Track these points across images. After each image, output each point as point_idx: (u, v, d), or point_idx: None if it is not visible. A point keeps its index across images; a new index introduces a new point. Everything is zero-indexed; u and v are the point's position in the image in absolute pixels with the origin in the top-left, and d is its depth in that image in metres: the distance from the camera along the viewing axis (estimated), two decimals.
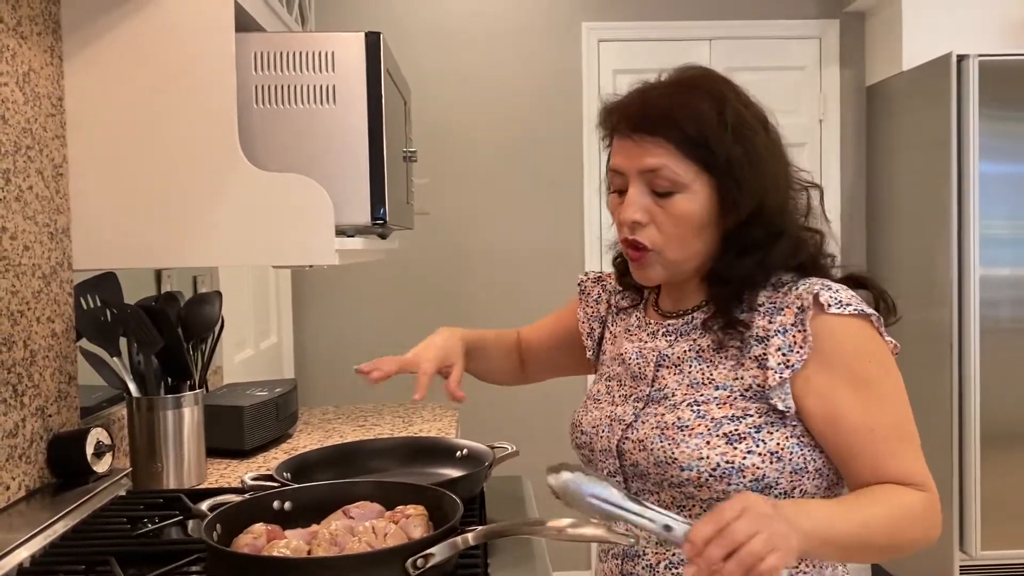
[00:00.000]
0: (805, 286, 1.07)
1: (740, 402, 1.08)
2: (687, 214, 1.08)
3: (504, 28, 3.57)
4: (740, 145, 1.06)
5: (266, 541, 1.00)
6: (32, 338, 1.33)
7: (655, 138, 1.07)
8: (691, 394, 1.10)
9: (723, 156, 1.06)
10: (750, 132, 1.08)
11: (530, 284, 3.60)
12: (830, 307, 1.05)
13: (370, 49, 1.42)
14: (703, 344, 1.13)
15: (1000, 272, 3.02)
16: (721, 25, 3.58)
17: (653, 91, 1.12)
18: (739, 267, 1.09)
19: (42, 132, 1.36)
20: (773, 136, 1.12)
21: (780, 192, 1.10)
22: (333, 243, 1.38)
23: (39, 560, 1.13)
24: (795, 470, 1.07)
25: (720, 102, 1.08)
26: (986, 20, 3.27)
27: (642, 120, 1.08)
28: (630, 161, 1.09)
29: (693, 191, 1.07)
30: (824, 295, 1.05)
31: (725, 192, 1.07)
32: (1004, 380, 3.02)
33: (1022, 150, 3.02)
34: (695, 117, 1.06)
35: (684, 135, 1.06)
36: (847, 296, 1.07)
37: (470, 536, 0.96)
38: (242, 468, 1.69)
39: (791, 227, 1.11)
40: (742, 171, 1.06)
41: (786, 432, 1.07)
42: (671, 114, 1.07)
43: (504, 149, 3.59)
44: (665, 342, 1.17)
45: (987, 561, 3.01)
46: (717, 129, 1.06)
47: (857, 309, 1.06)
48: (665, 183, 1.07)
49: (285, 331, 3.37)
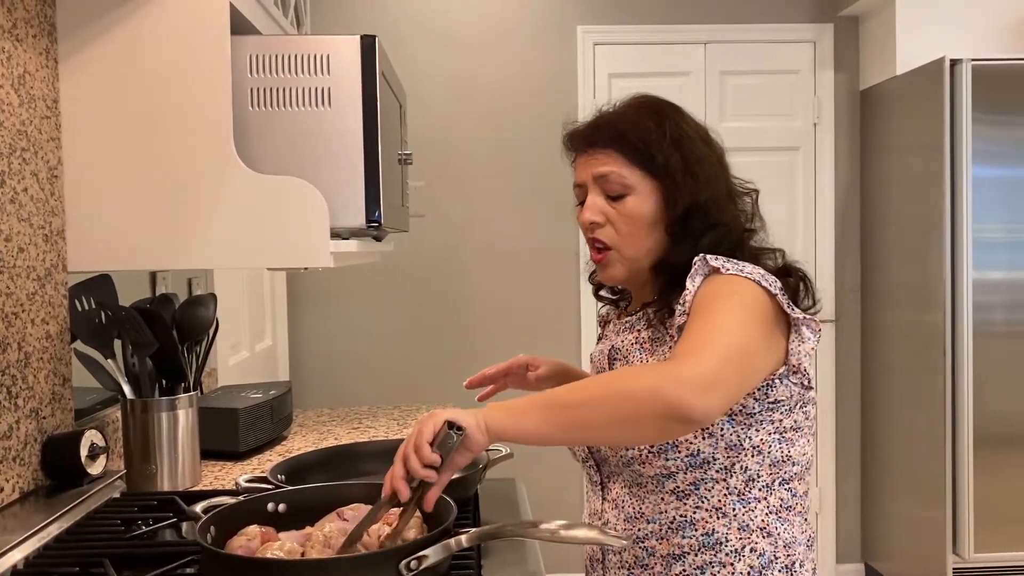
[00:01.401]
0: (709, 255, 1.16)
1: None
2: (637, 213, 1.22)
3: (499, 31, 3.58)
4: (678, 152, 1.21)
5: (260, 543, 1.00)
6: (26, 340, 1.33)
7: (605, 149, 1.24)
8: None
9: (662, 161, 1.21)
10: (688, 142, 1.23)
11: (525, 287, 3.60)
12: (727, 270, 1.14)
13: (365, 52, 1.42)
14: (645, 336, 1.24)
15: (993, 276, 3.04)
16: (716, 29, 3.59)
17: (604, 114, 1.29)
18: (673, 254, 1.21)
19: (37, 134, 1.36)
20: (714, 148, 1.27)
21: (716, 192, 1.22)
22: (328, 245, 1.38)
23: (33, 562, 1.13)
24: (729, 446, 1.14)
25: (661, 117, 1.24)
26: (979, 25, 3.28)
27: (594, 136, 1.26)
28: (586, 171, 1.27)
29: (640, 192, 1.22)
30: (723, 263, 1.14)
31: (666, 192, 1.21)
32: (997, 383, 3.03)
33: (1015, 154, 3.03)
34: (638, 129, 1.22)
35: (629, 144, 1.22)
36: (752, 269, 1.15)
37: (463, 538, 0.97)
38: (237, 470, 1.69)
39: (726, 222, 1.22)
40: (679, 172, 1.20)
41: None
42: (618, 127, 1.24)
43: (499, 152, 3.60)
44: (619, 338, 1.28)
45: (980, 564, 3.02)
46: (658, 139, 1.21)
47: (752, 276, 1.13)
48: (616, 187, 1.23)
49: (280, 333, 3.37)
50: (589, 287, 1.46)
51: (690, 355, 1.03)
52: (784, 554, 1.16)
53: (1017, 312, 3.05)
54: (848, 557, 3.74)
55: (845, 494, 3.72)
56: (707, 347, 1.03)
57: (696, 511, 1.15)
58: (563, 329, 3.61)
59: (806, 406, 1.18)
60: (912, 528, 3.30)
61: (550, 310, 3.60)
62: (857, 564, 3.74)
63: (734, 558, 1.15)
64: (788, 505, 1.18)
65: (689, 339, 1.06)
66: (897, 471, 3.42)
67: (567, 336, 3.60)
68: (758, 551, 1.15)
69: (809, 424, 1.20)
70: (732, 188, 1.26)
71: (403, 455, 1.00)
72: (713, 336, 1.05)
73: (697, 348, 1.04)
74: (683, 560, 1.16)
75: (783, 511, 1.17)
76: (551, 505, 3.05)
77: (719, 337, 1.05)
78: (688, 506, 1.16)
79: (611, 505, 1.23)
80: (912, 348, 3.27)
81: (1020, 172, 3.04)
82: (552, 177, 3.61)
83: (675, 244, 1.22)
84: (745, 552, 1.15)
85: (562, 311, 3.60)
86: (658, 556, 1.17)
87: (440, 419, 0.99)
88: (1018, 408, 3.03)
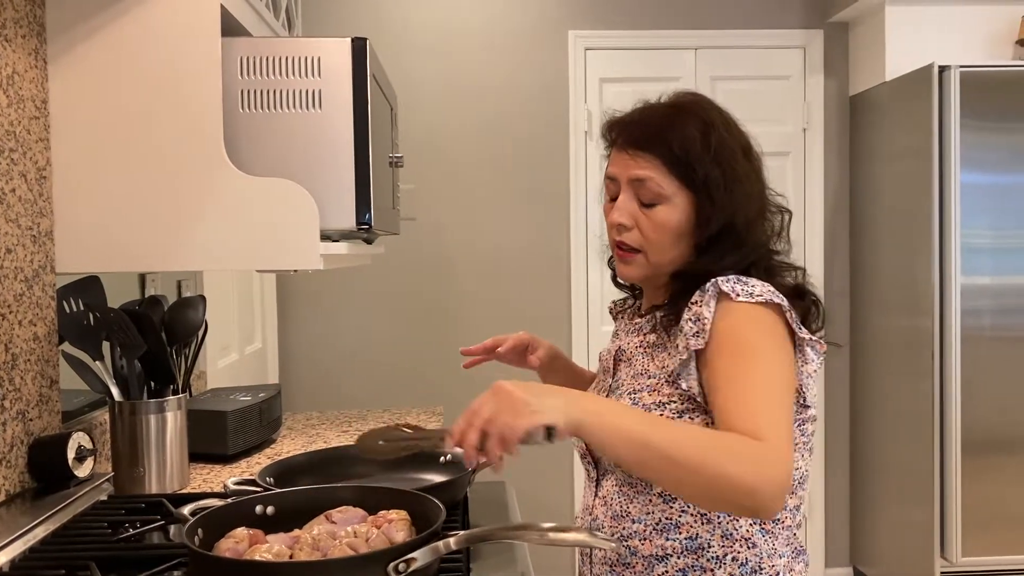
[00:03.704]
0: (721, 278, 1.14)
1: (665, 388, 1.17)
2: (666, 223, 1.20)
3: (491, 35, 3.58)
4: (719, 167, 1.18)
5: (248, 546, 0.99)
6: (14, 341, 1.33)
7: (646, 153, 1.20)
8: (632, 384, 1.22)
9: (702, 175, 1.18)
10: (730, 156, 1.20)
11: (516, 290, 3.61)
12: (738, 296, 1.12)
13: (356, 54, 1.42)
14: (650, 340, 1.24)
15: (981, 281, 3.05)
16: (706, 35, 3.61)
17: (650, 111, 1.25)
18: (693, 268, 1.20)
19: (26, 135, 1.36)
20: (753, 162, 1.24)
21: (750, 213, 1.21)
22: (318, 247, 1.38)
23: (19, 565, 1.13)
24: None
25: (707, 127, 1.20)
26: (968, 32, 3.31)
27: (637, 136, 1.21)
28: (623, 170, 1.23)
29: (673, 204, 1.20)
30: (728, 285, 1.12)
31: (700, 208, 1.19)
32: (985, 388, 3.05)
33: (1002, 160, 3.05)
34: (682, 138, 1.18)
35: (671, 153, 1.18)
36: (760, 289, 1.13)
37: (452, 541, 0.97)
38: (225, 473, 1.68)
39: (753, 242, 1.21)
40: (717, 190, 1.18)
41: (707, 418, 1.13)
42: (662, 134, 1.20)
43: (491, 156, 3.60)
44: (628, 339, 1.29)
45: (968, 567, 3.03)
46: (700, 151, 1.18)
47: (766, 299, 1.12)
48: (650, 194, 1.20)
49: (270, 336, 3.36)
50: (580, 289, 1.47)
51: (766, 438, 1.01)
52: (768, 564, 1.16)
53: (1005, 317, 3.07)
54: (836, 561, 3.75)
55: (833, 498, 3.73)
56: (773, 428, 1.03)
57: (682, 515, 1.16)
58: (553, 332, 3.61)
59: (803, 424, 1.18)
60: (900, 532, 3.31)
61: (540, 314, 3.60)
62: (846, 568, 3.75)
63: (715, 564, 1.15)
64: (776, 518, 1.17)
65: (752, 411, 1.04)
66: (885, 475, 3.43)
67: (557, 339, 3.58)
68: (740, 560, 1.15)
69: (805, 440, 1.19)
70: (765, 206, 1.25)
71: (483, 427, 0.98)
72: (772, 411, 1.05)
73: (766, 430, 1.02)
74: (665, 562, 1.16)
75: (769, 523, 1.17)
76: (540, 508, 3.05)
77: (783, 415, 1.06)
78: (674, 509, 1.16)
79: (601, 502, 1.23)
80: (900, 352, 3.29)
81: (1008, 178, 3.06)
82: (543, 181, 3.62)
83: (698, 256, 1.21)
84: (727, 560, 1.15)
85: (552, 314, 3.60)
86: (640, 556, 1.18)
87: (539, 421, 0.97)
88: (1005, 412, 3.05)
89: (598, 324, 3.57)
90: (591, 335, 3.58)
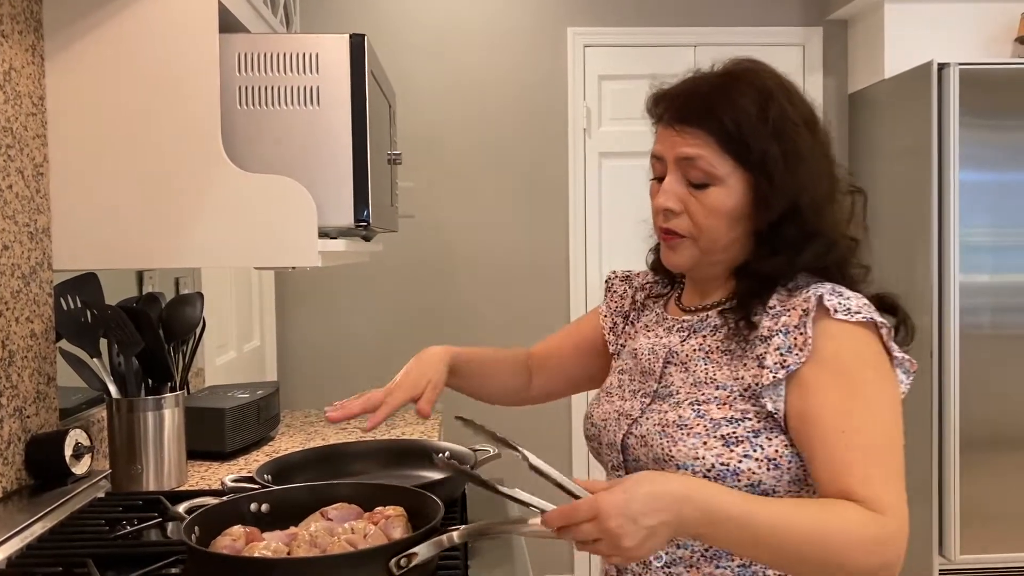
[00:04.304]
0: (816, 288, 1.05)
1: (739, 403, 1.06)
2: (720, 207, 1.07)
3: (490, 32, 3.58)
4: (778, 143, 1.05)
5: (245, 543, 0.99)
6: (11, 338, 1.32)
7: (694, 129, 1.07)
8: (693, 393, 1.10)
9: (759, 152, 1.05)
10: (792, 131, 1.07)
11: (514, 288, 3.60)
12: (836, 312, 1.02)
13: (354, 51, 1.42)
14: (711, 344, 1.12)
15: (979, 279, 3.05)
16: (705, 32, 3.60)
17: (700, 82, 1.12)
18: (768, 265, 1.08)
19: (23, 131, 1.35)
20: (819, 137, 1.11)
21: (818, 193, 1.08)
22: (316, 245, 1.38)
23: (16, 562, 1.12)
24: (793, 480, 1.04)
25: (764, 98, 1.07)
26: (967, 30, 3.30)
27: (684, 110, 1.09)
28: (669, 149, 1.10)
29: (728, 185, 1.07)
30: (831, 300, 1.03)
31: (759, 189, 1.06)
32: (983, 386, 3.05)
33: (1001, 158, 3.05)
34: (735, 111, 1.06)
35: (722, 128, 1.06)
36: (857, 304, 1.04)
37: (455, 534, 0.96)
38: (223, 470, 1.68)
39: (827, 229, 1.09)
40: (777, 169, 1.05)
41: (785, 440, 1.04)
42: (712, 106, 1.07)
43: (489, 153, 3.59)
44: (677, 338, 1.16)
45: (966, 565, 3.03)
46: (756, 125, 1.05)
47: (866, 317, 1.03)
48: (700, 174, 1.07)
49: (268, 333, 3.36)
50: (579, 287, 1.44)
51: (890, 513, 0.95)
52: None
53: (1003, 315, 3.07)
54: None
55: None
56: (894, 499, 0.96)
57: None
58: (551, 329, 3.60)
59: None
60: None
61: (539, 311, 3.60)
62: None
63: None
64: None
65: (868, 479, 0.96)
66: None
67: None
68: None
69: None
70: (835, 187, 1.12)
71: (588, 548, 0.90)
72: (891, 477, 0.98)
73: (888, 504, 0.96)
74: None
75: None
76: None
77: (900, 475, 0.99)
78: None
79: None
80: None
81: (1007, 176, 3.06)
82: (541, 178, 3.61)
83: (768, 253, 1.09)
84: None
85: (551, 312, 3.60)
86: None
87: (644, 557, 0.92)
88: (1004, 410, 3.05)
89: None
90: None
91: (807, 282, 1.08)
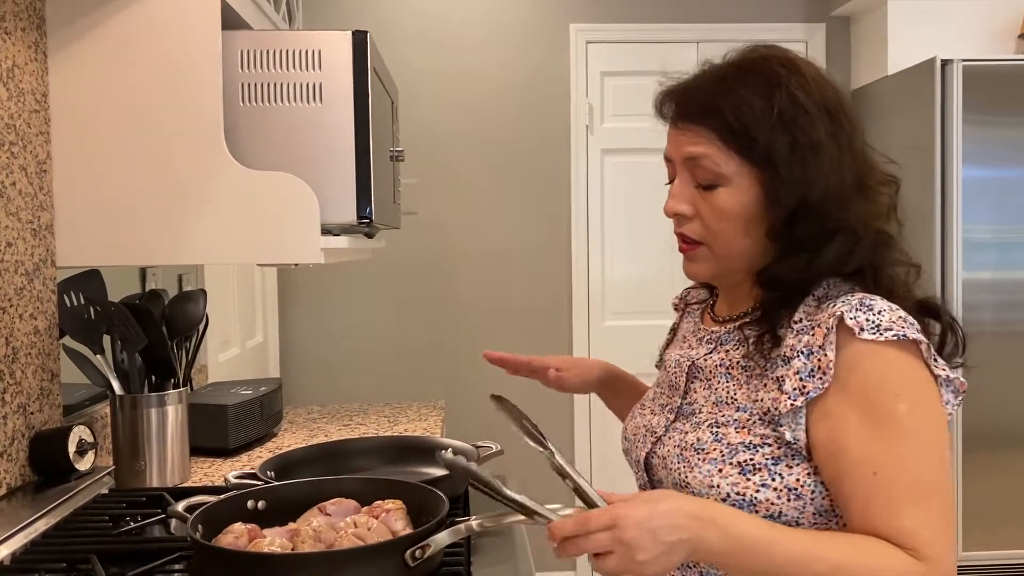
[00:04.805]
0: (841, 303, 0.95)
1: (758, 428, 0.99)
2: (730, 209, 1.01)
3: (492, 29, 3.57)
4: (787, 133, 0.97)
5: (248, 540, 0.99)
6: (14, 335, 1.32)
7: (697, 126, 1.02)
8: (714, 413, 1.04)
9: (764, 145, 0.98)
10: (804, 119, 0.98)
11: (517, 284, 3.60)
12: (862, 332, 0.92)
13: (357, 48, 1.42)
14: (734, 358, 1.05)
15: (982, 276, 3.05)
16: (709, 28, 3.60)
17: (704, 76, 1.05)
18: (786, 268, 1.00)
19: (26, 128, 1.36)
20: (843, 123, 1.01)
21: (839, 184, 0.99)
22: (319, 241, 1.38)
23: (20, 558, 1.13)
24: (819, 511, 0.97)
25: (771, 87, 0.99)
26: (970, 26, 3.30)
27: (686, 107, 1.03)
28: (676, 149, 1.04)
29: (737, 184, 1.00)
30: (856, 317, 0.93)
31: (769, 184, 0.99)
32: (986, 383, 3.04)
33: (1005, 155, 3.04)
34: (737, 103, 0.99)
35: (725, 123, 0.99)
36: (889, 319, 0.93)
37: (474, 523, 0.96)
38: (226, 467, 1.68)
39: (852, 225, 0.99)
40: (783, 161, 0.97)
41: (808, 468, 0.96)
42: (714, 101, 1.00)
43: (492, 150, 3.59)
44: (704, 350, 1.10)
45: (969, 562, 3.03)
46: (761, 116, 0.98)
47: (898, 335, 0.93)
48: (707, 174, 1.01)
49: (271, 330, 3.36)
50: (581, 283, 1.43)
51: (928, 558, 0.88)
52: None
53: (1006, 312, 3.06)
54: None
55: None
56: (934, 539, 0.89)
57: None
58: (554, 326, 3.60)
59: None
60: None
61: (542, 308, 3.60)
62: None
63: None
64: None
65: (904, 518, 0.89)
66: None
67: (558, 333, 3.60)
68: None
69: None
70: (865, 178, 1.02)
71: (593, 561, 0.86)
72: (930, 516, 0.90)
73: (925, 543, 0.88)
74: None
75: None
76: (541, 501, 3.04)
77: (944, 517, 0.91)
78: None
79: None
80: None
81: (1010, 172, 3.05)
82: (544, 175, 3.61)
83: (786, 253, 1.00)
84: None
85: (554, 309, 3.60)
86: None
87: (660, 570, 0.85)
88: (1007, 408, 3.05)
89: (599, 319, 3.57)
90: (592, 330, 3.58)
91: (839, 291, 1.00)
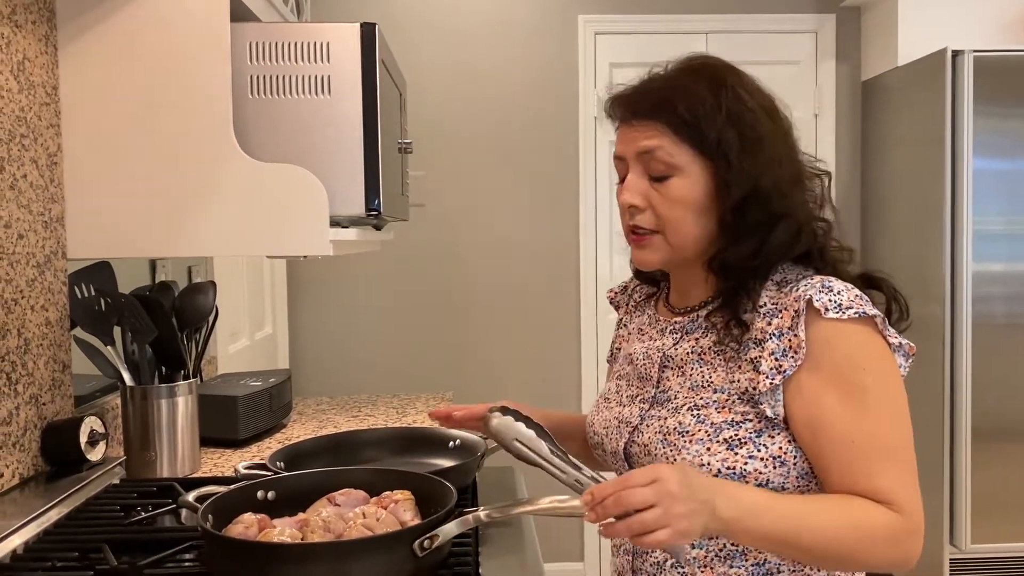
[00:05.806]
0: (804, 286, 1.03)
1: (737, 406, 1.05)
2: (683, 198, 1.08)
3: (500, 20, 3.57)
4: (734, 128, 1.06)
5: (258, 531, 1.00)
6: (26, 326, 1.34)
7: (651, 121, 1.08)
8: (691, 397, 1.09)
9: (715, 137, 1.05)
10: (749, 115, 1.07)
11: (525, 277, 3.61)
12: (827, 311, 1.01)
13: (365, 40, 1.42)
14: (704, 345, 1.11)
15: (993, 268, 3.04)
16: (718, 19, 3.58)
17: (653, 78, 1.13)
18: (736, 253, 1.07)
19: (36, 121, 1.36)
20: (779, 123, 1.12)
21: (781, 175, 1.07)
22: (327, 234, 1.38)
23: (32, 547, 1.14)
24: (801, 475, 1.05)
25: (718, 86, 1.08)
26: (981, 16, 3.27)
27: (639, 104, 1.10)
28: (629, 145, 1.11)
29: (688, 174, 1.07)
30: (821, 299, 1.01)
31: (719, 175, 1.06)
32: (996, 375, 3.04)
33: (1016, 146, 3.03)
34: (689, 99, 1.07)
35: (678, 117, 1.06)
36: (848, 298, 1.02)
37: (481, 514, 0.97)
38: (236, 457, 1.70)
39: (794, 212, 1.08)
40: (734, 152, 1.05)
41: (787, 436, 1.04)
42: (666, 97, 1.08)
43: (500, 142, 3.59)
44: (671, 340, 1.15)
45: (977, 555, 3.03)
46: (711, 112, 1.06)
47: (858, 312, 1.02)
48: (660, 166, 1.08)
49: (280, 322, 3.37)
50: (589, 276, 1.43)
51: (906, 511, 0.99)
52: None
53: (1016, 304, 3.05)
54: None
55: None
56: (909, 495, 1.00)
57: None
58: (562, 320, 3.61)
59: None
60: None
61: (549, 299, 3.60)
62: None
63: None
64: None
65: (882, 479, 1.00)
66: None
67: (567, 328, 3.61)
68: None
69: None
70: (800, 170, 1.11)
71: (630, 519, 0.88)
72: (905, 475, 1.01)
73: (904, 500, 1.00)
74: None
75: None
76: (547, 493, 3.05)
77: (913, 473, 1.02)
78: None
79: None
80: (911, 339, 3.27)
81: (1021, 164, 3.04)
82: (552, 167, 3.61)
83: (736, 240, 1.07)
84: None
85: (561, 300, 3.60)
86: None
87: (684, 542, 0.90)
88: (1016, 400, 3.04)
89: (607, 312, 3.57)
90: (600, 323, 3.58)
91: (796, 275, 1.08)
